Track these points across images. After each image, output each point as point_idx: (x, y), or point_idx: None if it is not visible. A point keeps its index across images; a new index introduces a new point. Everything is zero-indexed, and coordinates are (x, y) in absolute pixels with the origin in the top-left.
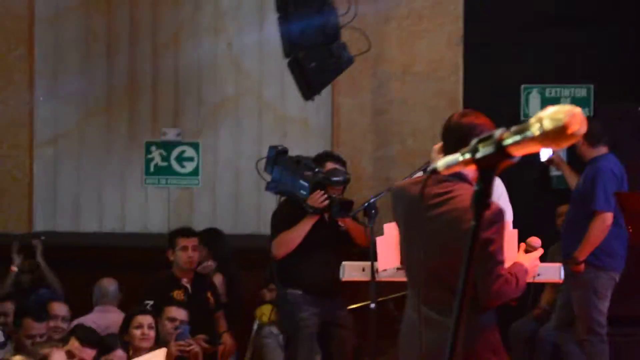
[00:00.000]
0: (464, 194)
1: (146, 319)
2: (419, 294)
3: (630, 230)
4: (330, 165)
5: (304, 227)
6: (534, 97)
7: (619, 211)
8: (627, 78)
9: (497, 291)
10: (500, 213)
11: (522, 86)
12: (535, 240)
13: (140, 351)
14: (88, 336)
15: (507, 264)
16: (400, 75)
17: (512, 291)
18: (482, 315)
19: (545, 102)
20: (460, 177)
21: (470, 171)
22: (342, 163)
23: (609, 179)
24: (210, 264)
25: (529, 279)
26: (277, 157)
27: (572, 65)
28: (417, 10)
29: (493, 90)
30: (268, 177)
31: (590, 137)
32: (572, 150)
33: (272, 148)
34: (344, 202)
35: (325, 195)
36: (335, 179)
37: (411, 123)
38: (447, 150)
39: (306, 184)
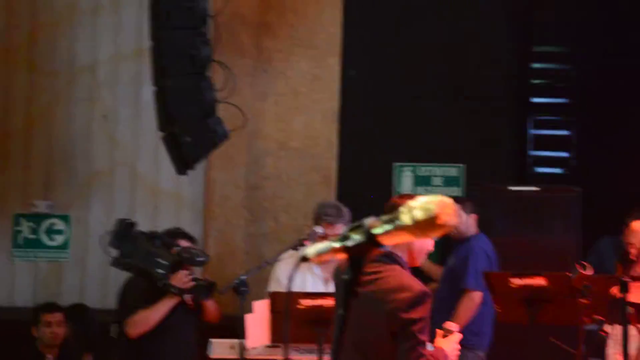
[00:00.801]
0: (391, 275)
1: None
2: None
3: (499, 310)
4: (183, 243)
5: (164, 307)
6: (407, 175)
7: (486, 290)
8: (497, 158)
9: None
10: (422, 295)
11: (394, 164)
12: (451, 325)
13: None
14: None
15: None
16: (276, 151)
17: None
18: None
19: (418, 180)
20: (391, 259)
21: (404, 252)
22: (194, 241)
23: (482, 259)
24: None
25: None
26: (126, 231)
27: (443, 145)
28: (294, 86)
29: (367, 167)
30: (113, 252)
31: (473, 213)
32: None
33: (120, 221)
34: (208, 283)
35: (191, 276)
36: (199, 259)
37: (285, 199)
38: None
39: (166, 263)
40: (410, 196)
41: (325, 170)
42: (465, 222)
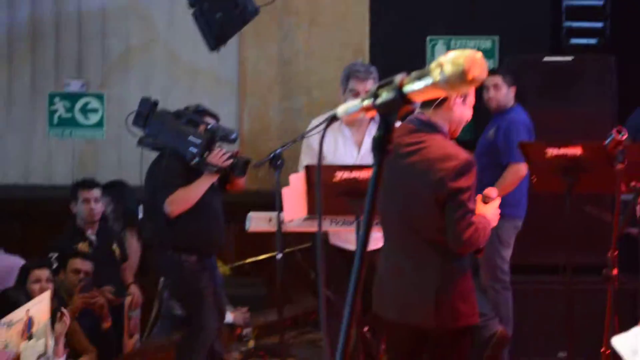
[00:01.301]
0: (435, 144)
1: (43, 273)
2: (392, 243)
3: (534, 180)
4: (209, 120)
5: (202, 186)
6: (440, 49)
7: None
8: (531, 29)
9: (468, 239)
10: (468, 163)
11: (428, 37)
12: (491, 191)
13: None
14: None
15: None
16: (307, 27)
17: (482, 239)
18: (454, 262)
19: None
20: (433, 128)
21: (445, 122)
22: (218, 118)
23: (523, 132)
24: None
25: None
26: (151, 110)
27: (476, 17)
28: None
29: (399, 41)
30: (138, 132)
31: (512, 85)
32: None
33: (145, 100)
34: (245, 160)
35: (229, 154)
36: (233, 136)
37: (317, 74)
38: None
39: (198, 141)
40: None
41: (358, 45)
42: (505, 94)
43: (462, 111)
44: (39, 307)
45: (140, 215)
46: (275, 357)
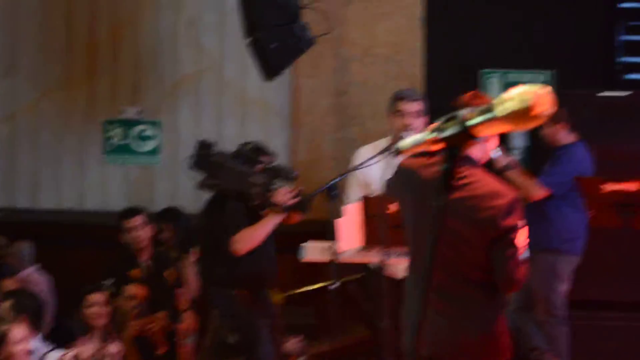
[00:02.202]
0: (481, 180)
1: (97, 297)
2: (426, 281)
3: (592, 215)
4: (265, 159)
5: (269, 225)
6: (494, 82)
7: (577, 195)
8: (586, 65)
9: (519, 278)
10: (517, 200)
11: (483, 70)
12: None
13: (95, 329)
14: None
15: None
16: (361, 57)
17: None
18: (496, 299)
19: (505, 87)
20: (472, 161)
21: (481, 155)
22: (274, 155)
23: (573, 163)
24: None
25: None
26: (209, 153)
27: (533, 50)
28: None
29: (453, 73)
30: (197, 175)
31: (569, 121)
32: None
33: (201, 143)
34: (309, 197)
35: (293, 193)
36: (293, 174)
37: (371, 105)
38: None
39: (260, 181)
40: (479, 95)
41: (411, 77)
42: (553, 131)
43: (493, 143)
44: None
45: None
46: None
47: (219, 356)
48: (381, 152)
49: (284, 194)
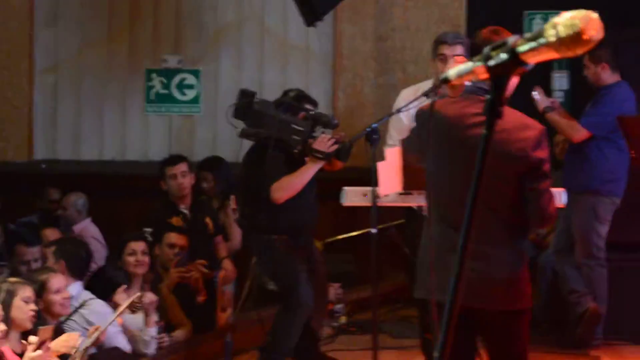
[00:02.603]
0: (507, 113)
1: (139, 245)
2: (452, 218)
3: (634, 155)
4: (309, 107)
5: (309, 172)
6: (538, 23)
7: (620, 136)
8: (633, 3)
9: (552, 212)
10: (545, 132)
11: (526, 12)
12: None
13: (134, 277)
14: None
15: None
16: (403, 2)
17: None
18: (523, 243)
19: None
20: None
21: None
22: (316, 104)
23: (617, 104)
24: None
25: None
26: (251, 102)
27: None
28: None
29: (496, 16)
30: (238, 123)
31: (612, 61)
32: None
33: (243, 92)
34: (349, 144)
35: (334, 140)
36: (335, 122)
37: (413, 50)
38: None
39: (302, 129)
40: (499, 31)
41: (454, 20)
42: (594, 72)
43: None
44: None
45: (233, 205)
46: (367, 333)
47: (259, 302)
48: (424, 94)
49: (324, 142)
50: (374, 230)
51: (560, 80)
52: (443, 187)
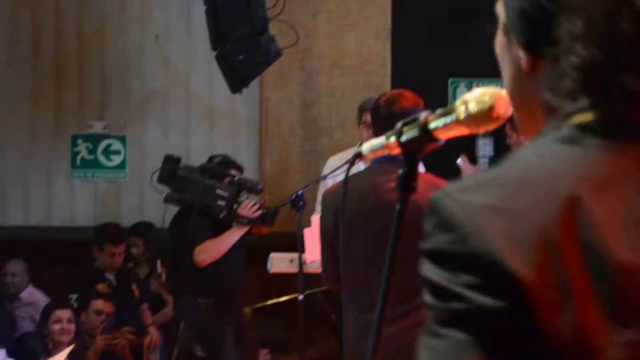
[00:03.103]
0: (420, 184)
1: (65, 313)
2: (384, 294)
3: None
4: (234, 172)
5: (233, 237)
6: (462, 91)
7: None
8: None
9: None
10: None
11: (450, 79)
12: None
13: (59, 345)
14: None
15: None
16: (329, 69)
17: None
18: None
19: None
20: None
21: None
22: (242, 169)
23: None
24: None
25: None
26: (176, 168)
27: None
28: (345, 3)
29: (421, 83)
30: (163, 189)
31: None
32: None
33: (168, 158)
34: (274, 210)
35: (258, 205)
36: (259, 187)
37: (339, 116)
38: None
39: (225, 194)
40: (398, 98)
41: (380, 87)
42: (516, 140)
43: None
44: None
45: (159, 269)
46: None
47: None
48: (347, 162)
49: (248, 207)
50: (300, 297)
51: (484, 147)
52: (357, 259)
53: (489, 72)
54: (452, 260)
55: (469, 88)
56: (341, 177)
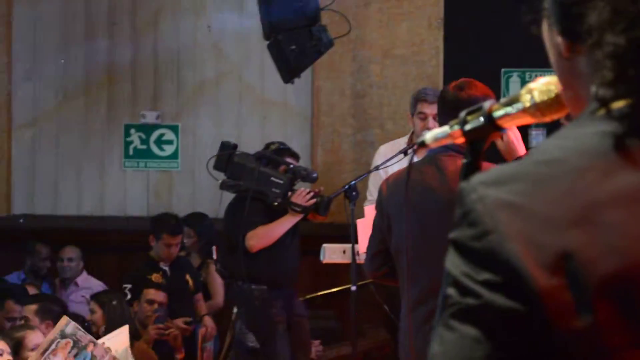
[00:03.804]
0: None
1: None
2: (427, 285)
3: None
4: (289, 160)
5: (286, 224)
6: (514, 81)
7: None
8: None
9: None
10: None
11: (502, 70)
12: None
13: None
14: None
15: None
16: (380, 59)
17: None
18: None
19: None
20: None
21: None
22: (298, 157)
23: None
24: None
25: None
26: (232, 154)
27: None
28: None
29: (473, 73)
30: (220, 176)
31: None
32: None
33: (224, 144)
34: (328, 199)
35: (312, 194)
36: (314, 175)
37: (391, 106)
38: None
39: (281, 182)
40: (467, 85)
41: (432, 78)
42: None
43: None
44: (117, 339)
45: (214, 256)
46: None
47: (239, 356)
48: (402, 151)
49: (302, 195)
50: (353, 288)
51: (537, 138)
52: (418, 250)
53: (541, 62)
54: (472, 256)
55: (522, 78)
56: (392, 168)
